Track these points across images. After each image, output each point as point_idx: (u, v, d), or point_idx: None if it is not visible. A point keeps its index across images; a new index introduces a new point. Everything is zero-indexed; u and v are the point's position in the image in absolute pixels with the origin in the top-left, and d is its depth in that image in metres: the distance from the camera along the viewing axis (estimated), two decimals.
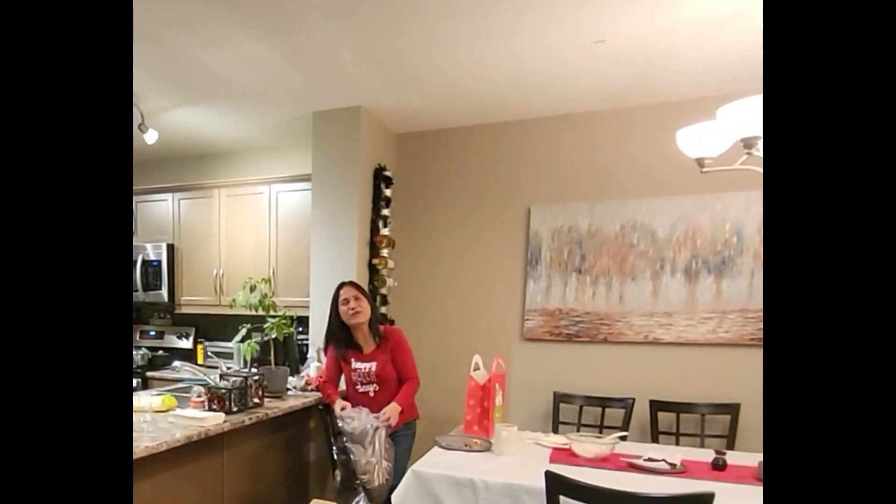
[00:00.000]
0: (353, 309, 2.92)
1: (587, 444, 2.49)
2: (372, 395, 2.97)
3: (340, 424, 2.81)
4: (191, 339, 4.79)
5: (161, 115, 3.89)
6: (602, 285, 3.57)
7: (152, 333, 4.95)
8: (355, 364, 3.00)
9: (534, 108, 3.60)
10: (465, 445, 2.66)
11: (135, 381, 4.16)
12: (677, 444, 3.17)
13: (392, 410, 2.85)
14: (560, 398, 3.52)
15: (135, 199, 4.75)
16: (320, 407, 3.09)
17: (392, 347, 2.99)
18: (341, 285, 3.01)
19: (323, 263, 3.77)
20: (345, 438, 2.79)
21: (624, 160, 3.53)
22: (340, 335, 3.00)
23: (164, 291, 4.53)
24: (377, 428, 2.75)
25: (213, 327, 4.70)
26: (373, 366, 2.97)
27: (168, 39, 2.85)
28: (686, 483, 2.20)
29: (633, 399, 3.33)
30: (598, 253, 3.58)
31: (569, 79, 3.16)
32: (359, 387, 3.00)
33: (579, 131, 3.64)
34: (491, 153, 3.88)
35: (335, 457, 2.97)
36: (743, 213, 3.24)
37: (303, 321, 3.84)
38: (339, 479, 2.91)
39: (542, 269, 3.71)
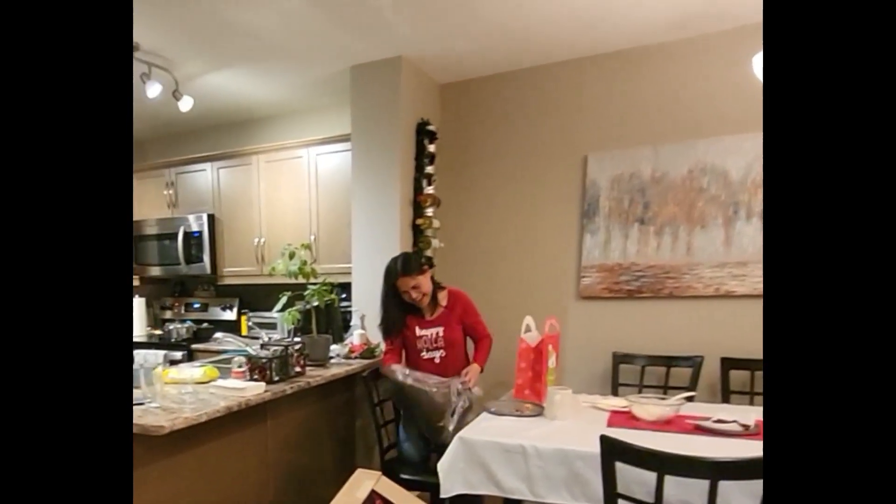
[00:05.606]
0: (416, 299, 2.98)
1: (649, 406, 2.42)
2: (438, 361, 3.02)
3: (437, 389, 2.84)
4: (234, 310, 4.95)
5: (195, 81, 3.97)
6: (667, 236, 3.43)
7: (196, 306, 5.14)
8: (420, 331, 3.04)
9: (590, 43, 3.45)
10: (516, 410, 2.63)
11: (180, 354, 4.34)
12: (751, 403, 3.05)
13: (473, 372, 2.94)
14: (620, 359, 3.45)
15: (174, 170, 4.90)
16: (364, 374, 3.12)
17: (461, 312, 3.05)
18: (396, 276, 2.96)
19: (365, 227, 3.78)
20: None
21: (693, 96, 3.35)
22: (398, 316, 3.06)
23: (207, 263, 4.67)
24: (460, 394, 2.81)
25: (256, 298, 4.83)
26: (440, 331, 3.02)
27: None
28: (760, 446, 2.10)
29: (702, 357, 3.22)
30: (664, 200, 3.44)
31: (630, 6, 2.99)
32: (424, 353, 3.05)
33: (642, 67, 3.47)
34: (543, 98, 3.76)
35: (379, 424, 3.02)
36: None
37: (346, 288, 3.88)
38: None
39: (600, 222, 3.60)
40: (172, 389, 2.51)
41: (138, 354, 2.61)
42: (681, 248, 3.40)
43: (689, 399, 2.59)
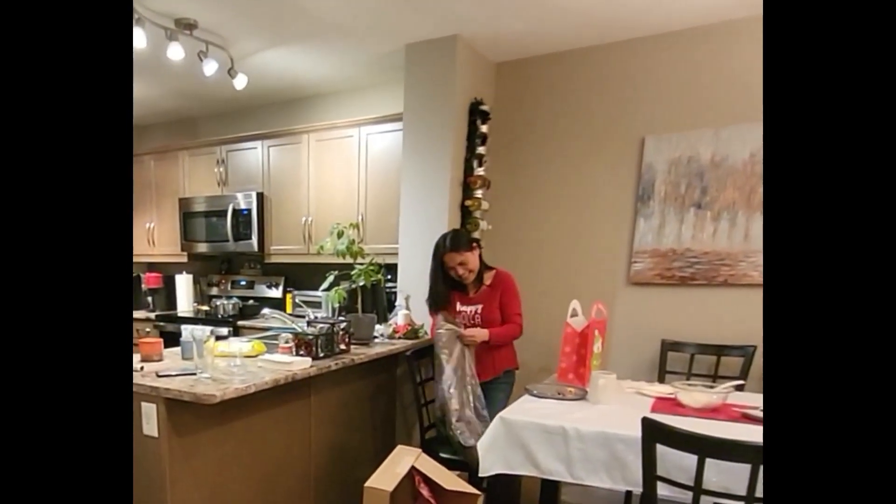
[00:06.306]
0: (463, 275, 3.10)
1: (695, 394, 2.45)
2: None
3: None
4: (280, 288, 5.13)
5: (250, 59, 4.10)
6: (725, 221, 3.42)
7: (243, 283, 5.36)
8: (461, 307, 3.18)
9: (652, 23, 3.44)
10: (559, 394, 2.70)
11: (226, 330, 4.54)
12: None
13: (477, 332, 3.04)
14: (669, 346, 3.48)
15: (225, 148, 5.08)
16: (408, 354, 3.24)
17: (502, 291, 3.14)
18: (444, 252, 3.10)
19: (414, 207, 3.87)
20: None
21: (759, 75, 3.31)
22: (444, 291, 3.19)
23: (255, 241, 4.85)
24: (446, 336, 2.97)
25: (301, 276, 5.00)
26: (479, 308, 3.14)
27: None
28: None
29: (755, 347, 3.22)
30: (723, 185, 3.43)
31: None
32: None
33: (706, 47, 3.44)
34: (600, 79, 3.77)
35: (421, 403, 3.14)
36: None
37: (391, 269, 3.99)
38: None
39: (655, 206, 3.61)
40: (222, 362, 2.64)
41: (185, 329, 2.76)
42: (738, 235, 3.39)
43: (739, 388, 2.61)
